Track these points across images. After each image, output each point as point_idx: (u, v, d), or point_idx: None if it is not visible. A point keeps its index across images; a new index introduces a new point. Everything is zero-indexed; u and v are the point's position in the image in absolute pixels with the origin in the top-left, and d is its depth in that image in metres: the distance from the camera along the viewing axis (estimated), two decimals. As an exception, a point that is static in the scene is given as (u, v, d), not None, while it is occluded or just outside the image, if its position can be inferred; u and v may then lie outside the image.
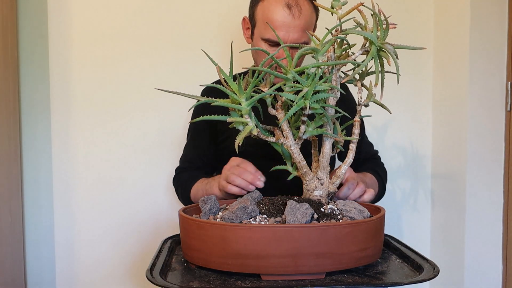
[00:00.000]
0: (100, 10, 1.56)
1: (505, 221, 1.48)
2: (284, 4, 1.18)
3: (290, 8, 1.17)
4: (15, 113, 1.49)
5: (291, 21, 1.17)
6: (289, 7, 1.17)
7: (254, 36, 1.25)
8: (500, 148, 1.48)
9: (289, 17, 1.17)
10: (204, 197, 0.95)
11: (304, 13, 1.18)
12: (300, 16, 1.17)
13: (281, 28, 1.18)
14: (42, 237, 1.59)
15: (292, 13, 1.17)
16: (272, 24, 1.18)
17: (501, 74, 1.46)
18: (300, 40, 1.19)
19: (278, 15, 1.18)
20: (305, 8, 1.19)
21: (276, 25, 1.18)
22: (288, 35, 1.18)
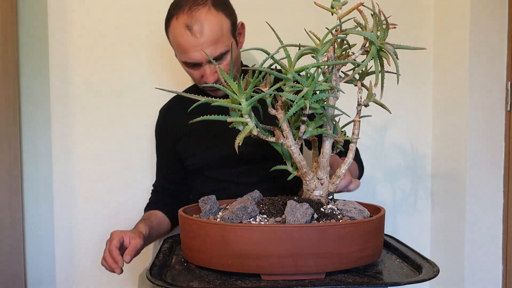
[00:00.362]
0: (100, 10, 1.56)
1: (505, 221, 1.48)
2: (184, 27, 1.16)
3: (190, 28, 1.15)
4: (15, 113, 1.49)
5: (195, 41, 1.15)
6: (189, 28, 1.15)
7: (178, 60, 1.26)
8: (500, 148, 1.48)
9: (192, 38, 1.15)
10: (204, 197, 0.95)
11: (207, 27, 1.15)
12: (203, 33, 1.15)
13: (191, 51, 1.16)
14: (42, 237, 1.59)
15: (193, 33, 1.15)
16: (181, 49, 1.18)
17: (501, 74, 1.46)
18: (215, 53, 1.16)
19: (183, 38, 1.16)
20: (208, 21, 1.15)
21: (184, 49, 1.17)
22: (200, 54, 1.16)
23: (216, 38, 1.16)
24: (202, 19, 1.15)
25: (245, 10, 1.62)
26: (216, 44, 1.16)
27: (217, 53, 1.17)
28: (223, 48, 1.18)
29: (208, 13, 1.15)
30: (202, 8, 1.16)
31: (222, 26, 1.18)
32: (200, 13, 1.15)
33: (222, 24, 1.18)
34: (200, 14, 1.15)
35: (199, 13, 1.15)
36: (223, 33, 1.17)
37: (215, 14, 1.17)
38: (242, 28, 1.28)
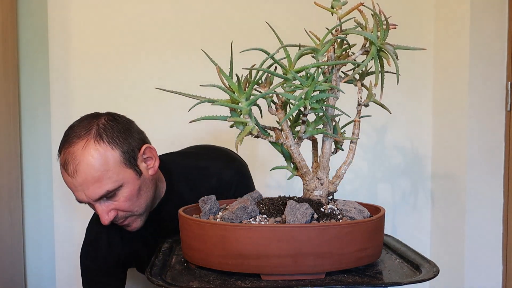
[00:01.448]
0: (100, 10, 1.56)
1: (505, 221, 1.48)
2: (61, 166, 1.03)
3: (66, 168, 1.01)
4: (15, 113, 1.49)
5: (72, 181, 1.02)
6: (65, 168, 1.02)
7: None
8: (500, 148, 1.48)
9: (69, 178, 1.02)
10: (204, 197, 0.95)
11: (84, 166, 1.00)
12: (79, 172, 1.00)
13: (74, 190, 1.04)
14: (42, 237, 1.59)
15: (68, 173, 1.01)
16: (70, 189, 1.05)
17: (501, 74, 1.46)
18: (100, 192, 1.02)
19: (64, 177, 1.04)
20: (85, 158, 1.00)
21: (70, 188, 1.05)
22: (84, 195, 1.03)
23: (96, 177, 1.01)
24: (76, 156, 1.01)
25: (245, 10, 1.62)
26: (99, 182, 1.01)
27: (102, 192, 1.02)
28: (111, 185, 1.02)
29: (85, 149, 1.01)
30: (79, 142, 1.02)
31: (106, 162, 1.02)
32: (76, 149, 1.01)
33: (106, 157, 1.02)
34: (75, 150, 1.01)
35: (74, 149, 1.01)
36: (107, 168, 1.02)
37: (95, 148, 1.01)
38: (150, 152, 1.11)
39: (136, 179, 1.07)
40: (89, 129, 1.04)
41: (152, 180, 1.11)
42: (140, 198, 1.08)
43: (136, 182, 1.07)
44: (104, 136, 1.04)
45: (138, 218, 1.11)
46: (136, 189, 1.07)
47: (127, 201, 1.06)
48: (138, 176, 1.07)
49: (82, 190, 1.02)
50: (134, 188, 1.06)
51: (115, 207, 1.06)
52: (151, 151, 1.11)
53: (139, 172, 1.08)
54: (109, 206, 1.05)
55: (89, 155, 1.01)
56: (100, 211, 1.05)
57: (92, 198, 1.03)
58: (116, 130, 1.06)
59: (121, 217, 1.08)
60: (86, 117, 1.10)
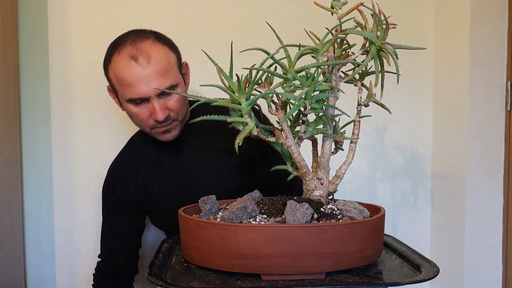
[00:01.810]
0: (100, 10, 1.56)
1: (505, 221, 1.48)
2: (128, 58, 1.10)
3: (136, 59, 1.09)
4: (15, 113, 1.49)
5: (142, 72, 1.08)
6: (134, 59, 1.09)
7: (121, 101, 1.19)
8: (500, 148, 1.48)
9: (138, 68, 1.09)
10: (204, 197, 0.95)
11: (154, 57, 1.10)
12: (150, 63, 1.09)
13: (138, 83, 1.09)
14: (42, 237, 1.59)
15: (140, 63, 1.09)
16: (127, 83, 1.10)
17: (501, 74, 1.46)
18: (164, 85, 1.10)
19: (128, 71, 1.09)
20: (155, 52, 1.10)
21: (130, 83, 1.10)
22: (148, 87, 1.09)
23: (164, 69, 1.10)
24: (147, 49, 1.10)
25: (246, 10, 1.62)
26: (164, 75, 1.10)
27: (165, 86, 1.10)
28: (172, 81, 1.12)
29: (153, 45, 1.12)
30: (146, 40, 1.12)
31: (169, 58, 1.13)
32: (145, 44, 1.11)
33: (169, 56, 1.13)
34: (145, 45, 1.11)
35: (144, 44, 1.11)
36: (170, 65, 1.13)
37: (160, 46, 1.13)
38: (186, 68, 1.22)
39: (183, 85, 1.19)
40: (148, 33, 1.15)
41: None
42: (184, 106, 1.19)
43: (184, 88, 1.19)
44: (164, 40, 1.15)
45: (178, 125, 1.19)
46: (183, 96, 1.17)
47: (178, 101, 1.15)
48: (184, 83, 1.19)
49: (147, 82, 1.09)
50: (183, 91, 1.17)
51: (168, 106, 1.14)
52: (188, 68, 1.24)
53: (184, 80, 1.20)
54: (164, 104, 1.13)
55: (159, 50, 1.11)
56: (157, 107, 1.12)
57: (155, 91, 1.10)
58: (170, 40, 1.19)
59: (171, 118, 1.16)
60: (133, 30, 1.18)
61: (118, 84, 1.14)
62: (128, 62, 1.09)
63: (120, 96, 1.18)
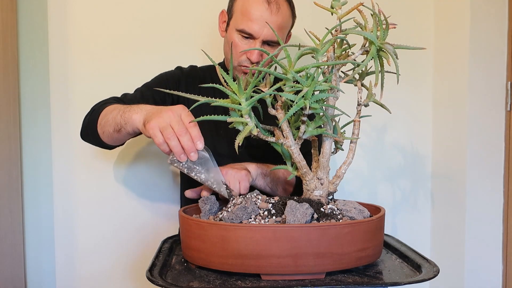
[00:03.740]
0: (100, 10, 1.56)
1: (505, 221, 1.49)
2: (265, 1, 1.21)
3: (269, 3, 1.20)
4: (15, 113, 1.49)
5: (268, 16, 1.19)
6: (268, 2, 1.20)
7: (229, 28, 1.27)
8: (500, 148, 1.48)
9: (266, 12, 1.19)
10: (204, 197, 0.95)
11: (282, 11, 1.21)
12: (278, 13, 1.20)
13: (256, 22, 1.20)
14: (42, 237, 1.59)
15: (270, 8, 1.20)
16: (250, 17, 1.20)
17: (501, 74, 1.46)
18: (274, 38, 1.21)
19: (257, 8, 1.20)
20: (284, 8, 1.22)
21: (252, 18, 1.20)
22: (262, 30, 1.20)
23: (282, 25, 1.22)
24: (281, 3, 1.21)
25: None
26: (281, 30, 1.22)
27: (275, 38, 1.21)
28: (282, 37, 1.22)
29: (284, 3, 1.22)
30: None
31: (289, 21, 1.25)
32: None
33: (290, 19, 1.25)
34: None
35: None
36: (287, 26, 1.25)
37: (288, 7, 1.24)
38: (289, 38, 1.33)
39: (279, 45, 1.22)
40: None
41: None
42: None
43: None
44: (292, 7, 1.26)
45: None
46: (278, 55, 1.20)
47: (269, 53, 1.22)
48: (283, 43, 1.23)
49: (265, 26, 1.18)
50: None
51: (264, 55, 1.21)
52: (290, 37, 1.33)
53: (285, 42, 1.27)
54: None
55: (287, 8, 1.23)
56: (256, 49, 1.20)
57: (266, 36, 1.20)
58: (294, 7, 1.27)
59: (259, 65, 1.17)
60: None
61: (240, 13, 1.23)
62: (262, 2, 1.20)
63: (233, 23, 1.25)
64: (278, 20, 1.20)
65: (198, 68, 1.38)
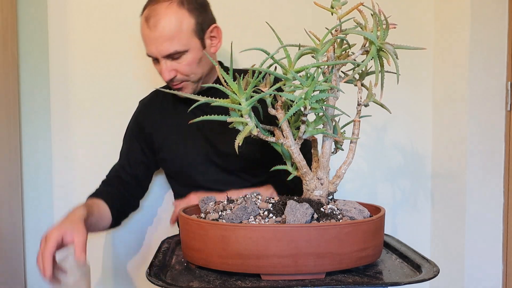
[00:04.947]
0: (100, 10, 1.56)
1: (505, 221, 1.49)
2: (144, 18, 1.18)
3: (148, 21, 1.16)
4: (15, 113, 1.49)
5: (149, 33, 1.16)
6: (147, 21, 1.16)
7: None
8: (500, 148, 1.48)
9: (147, 30, 1.16)
10: (204, 197, 0.95)
11: (164, 22, 1.14)
12: (158, 27, 1.14)
13: (148, 44, 1.18)
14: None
15: (148, 25, 1.16)
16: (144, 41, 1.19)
17: (501, 74, 1.46)
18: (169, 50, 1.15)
19: (142, 30, 1.19)
20: (166, 16, 1.15)
21: (144, 41, 1.19)
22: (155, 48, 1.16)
23: (170, 35, 1.15)
24: (159, 13, 1.15)
25: (246, 10, 1.62)
26: (171, 41, 1.15)
27: (171, 51, 1.16)
28: (180, 46, 1.16)
29: (168, 8, 1.15)
30: (164, 3, 1.16)
31: (181, 24, 1.16)
32: (160, 7, 1.16)
33: (182, 21, 1.16)
34: (159, 8, 1.16)
35: (159, 6, 1.16)
36: (181, 30, 1.16)
37: (176, 10, 1.16)
38: (216, 32, 1.25)
39: (200, 50, 1.20)
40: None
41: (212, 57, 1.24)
42: (198, 68, 1.21)
43: (199, 53, 1.20)
44: (186, 4, 1.17)
45: (190, 85, 1.24)
46: (197, 58, 1.19)
47: (187, 66, 1.19)
48: (202, 48, 1.20)
49: (155, 44, 1.15)
50: (196, 57, 1.19)
51: (176, 68, 1.19)
52: (218, 31, 1.25)
53: (203, 45, 1.21)
54: (171, 66, 1.18)
55: (170, 14, 1.15)
56: (164, 68, 1.18)
57: (161, 54, 1.16)
58: (196, 2, 1.20)
59: (178, 80, 1.21)
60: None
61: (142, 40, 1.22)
62: (144, 22, 1.18)
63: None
64: (161, 32, 1.14)
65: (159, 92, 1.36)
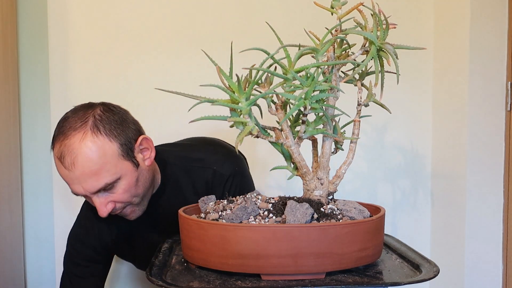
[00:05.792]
0: (100, 10, 1.56)
1: (505, 221, 1.48)
2: (57, 159, 1.00)
3: (62, 161, 0.98)
4: (15, 113, 1.49)
5: (69, 174, 0.99)
6: (61, 161, 0.98)
7: None
8: (500, 148, 1.48)
9: (66, 171, 0.99)
10: (204, 197, 0.95)
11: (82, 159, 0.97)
12: (77, 166, 0.97)
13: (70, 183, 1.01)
14: (42, 237, 1.59)
15: (65, 165, 0.98)
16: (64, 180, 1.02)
17: (501, 74, 1.46)
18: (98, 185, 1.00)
19: (59, 169, 1.01)
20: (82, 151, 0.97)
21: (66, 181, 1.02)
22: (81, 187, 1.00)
23: (94, 170, 0.98)
24: (74, 149, 0.98)
25: (245, 10, 1.62)
26: (97, 175, 0.99)
27: (101, 185, 1.00)
28: (110, 176, 1.01)
29: (82, 142, 0.98)
30: (76, 135, 0.98)
31: (104, 154, 0.99)
32: (73, 142, 0.98)
33: (104, 150, 1.00)
34: (72, 143, 0.98)
35: (71, 141, 0.98)
36: (105, 161, 1.00)
37: (93, 140, 0.99)
38: (146, 143, 1.09)
39: (134, 170, 1.05)
40: (85, 121, 1.01)
41: (149, 170, 1.10)
42: (138, 189, 1.07)
43: (134, 174, 1.05)
44: (101, 128, 1.01)
45: (136, 207, 1.10)
46: (134, 181, 1.05)
47: (125, 192, 1.04)
48: (135, 168, 1.05)
49: (79, 183, 0.99)
50: (132, 180, 1.04)
51: (113, 199, 1.04)
52: (148, 142, 1.10)
53: (136, 164, 1.06)
54: (107, 199, 1.03)
55: (87, 148, 0.98)
56: (98, 204, 1.02)
57: (89, 191, 1.00)
58: (113, 121, 1.03)
59: (119, 208, 1.06)
60: (81, 107, 1.07)
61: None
62: (58, 162, 1.01)
63: None
64: (85, 169, 0.98)
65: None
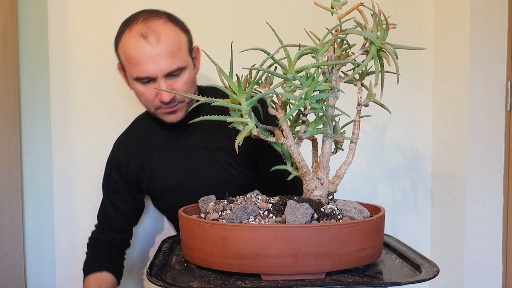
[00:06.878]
0: (100, 10, 1.56)
1: (505, 221, 1.49)
2: (138, 36, 1.09)
3: (146, 37, 1.09)
4: (15, 113, 1.49)
5: (151, 50, 1.08)
6: (144, 37, 1.09)
7: (129, 80, 1.19)
8: (500, 148, 1.48)
9: (148, 47, 1.08)
10: (204, 197, 0.95)
11: (165, 37, 1.09)
12: (160, 42, 1.08)
13: (146, 62, 1.09)
14: (42, 237, 1.59)
15: (149, 42, 1.08)
16: (135, 61, 1.10)
17: (501, 74, 1.46)
18: (172, 66, 1.10)
19: (137, 49, 1.09)
20: (165, 32, 1.10)
21: (138, 61, 1.10)
22: (156, 66, 1.09)
23: (173, 50, 1.10)
24: (158, 29, 1.09)
25: (246, 10, 1.62)
26: (173, 56, 1.10)
27: (174, 67, 1.10)
28: (181, 62, 1.11)
29: (164, 25, 1.11)
30: (158, 20, 1.11)
31: (180, 40, 1.12)
32: (157, 24, 1.10)
33: (180, 37, 1.12)
34: (156, 24, 1.10)
35: (155, 23, 1.10)
36: (180, 47, 1.12)
37: (172, 27, 1.12)
38: (197, 52, 1.21)
39: (192, 68, 1.17)
40: (160, 13, 1.14)
41: (195, 79, 1.21)
42: (192, 87, 1.18)
43: (193, 71, 1.17)
44: (176, 21, 1.14)
45: (184, 107, 1.18)
46: (192, 76, 1.17)
47: (185, 84, 1.14)
48: (193, 67, 1.18)
49: (155, 62, 1.08)
50: (191, 75, 1.16)
51: (175, 87, 1.13)
52: (199, 51, 1.22)
53: (193, 64, 1.18)
54: (170, 85, 1.12)
55: (170, 30, 1.10)
56: (164, 87, 1.11)
57: (163, 71, 1.09)
58: (181, 20, 1.17)
59: (176, 100, 1.15)
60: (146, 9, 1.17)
61: (126, 62, 1.14)
62: (138, 40, 1.09)
63: (128, 74, 1.17)
64: (165, 48, 1.08)
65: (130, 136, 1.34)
